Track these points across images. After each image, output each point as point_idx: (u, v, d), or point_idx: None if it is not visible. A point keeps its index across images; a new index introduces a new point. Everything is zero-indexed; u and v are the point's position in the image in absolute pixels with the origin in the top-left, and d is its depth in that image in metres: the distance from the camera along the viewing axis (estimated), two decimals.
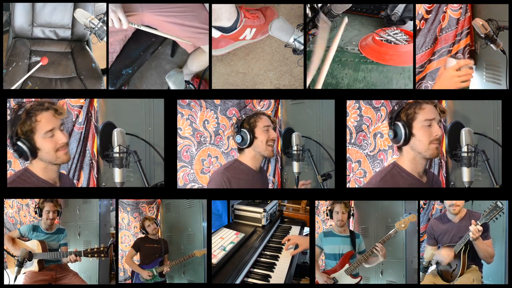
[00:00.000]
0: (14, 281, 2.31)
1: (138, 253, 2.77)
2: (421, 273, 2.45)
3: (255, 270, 2.26)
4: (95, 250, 2.33)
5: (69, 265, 2.48)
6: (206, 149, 2.94)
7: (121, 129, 2.40)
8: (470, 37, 2.56)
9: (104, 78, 2.68)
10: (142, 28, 2.50)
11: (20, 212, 3.01)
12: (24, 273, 2.40)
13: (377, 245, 2.30)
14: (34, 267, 2.40)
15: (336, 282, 2.37)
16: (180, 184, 2.89)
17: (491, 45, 2.24)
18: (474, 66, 2.19)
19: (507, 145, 2.35)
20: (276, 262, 2.37)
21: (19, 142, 1.93)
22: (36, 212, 2.50)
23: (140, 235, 2.84)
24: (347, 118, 2.74)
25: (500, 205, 2.11)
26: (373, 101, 2.71)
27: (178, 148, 2.88)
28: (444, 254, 2.31)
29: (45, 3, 2.75)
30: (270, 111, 2.99)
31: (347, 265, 2.37)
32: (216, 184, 2.29)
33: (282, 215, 3.56)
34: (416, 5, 2.48)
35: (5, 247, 2.41)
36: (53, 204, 2.48)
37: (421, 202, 2.67)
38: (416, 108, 1.98)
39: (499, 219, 2.17)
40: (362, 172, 2.74)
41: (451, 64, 2.17)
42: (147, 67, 2.93)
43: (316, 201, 2.89)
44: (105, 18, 2.37)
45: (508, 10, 2.34)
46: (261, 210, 3.06)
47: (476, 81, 2.56)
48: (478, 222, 2.15)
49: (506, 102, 2.36)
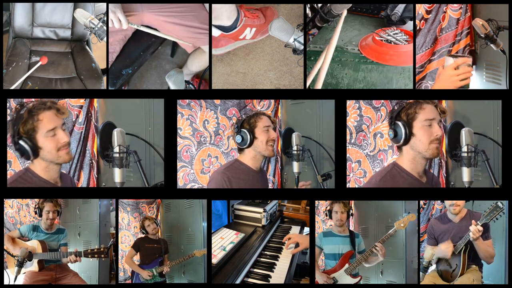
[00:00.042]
0: (14, 281, 2.31)
1: (138, 253, 2.77)
2: (421, 273, 2.45)
3: (255, 270, 2.26)
4: (95, 250, 2.33)
5: (69, 265, 2.48)
6: (206, 149, 2.94)
7: (121, 129, 2.40)
8: (470, 37, 2.56)
9: (104, 78, 2.68)
10: (141, 29, 2.50)
11: (20, 212, 3.01)
12: (24, 273, 2.40)
13: (376, 245, 2.30)
14: (34, 267, 2.40)
15: (336, 282, 2.37)
16: (180, 184, 2.89)
17: (491, 45, 2.24)
18: (473, 66, 2.17)
19: (507, 145, 2.35)
20: (276, 262, 2.37)
21: (21, 141, 1.93)
22: (36, 212, 2.50)
23: (140, 235, 2.84)
24: (347, 118, 2.74)
25: (500, 205, 2.11)
26: (373, 101, 2.70)
27: (178, 148, 2.88)
28: (444, 248, 2.30)
29: (45, 3, 2.75)
30: (270, 111, 2.99)
31: (346, 265, 2.37)
32: (216, 184, 2.29)
33: (282, 215, 3.56)
34: (416, 5, 2.48)
35: (5, 247, 2.41)
36: (53, 204, 2.48)
37: (421, 202, 2.67)
38: (416, 108, 1.98)
39: (499, 219, 2.17)
40: (362, 172, 2.74)
41: (448, 63, 2.14)
42: (147, 67, 2.92)
43: (316, 201, 2.89)
44: (105, 18, 2.37)
45: (508, 10, 2.34)
46: (261, 210, 3.06)
47: (476, 81, 2.56)
48: (478, 222, 2.15)
49: (506, 102, 2.36)
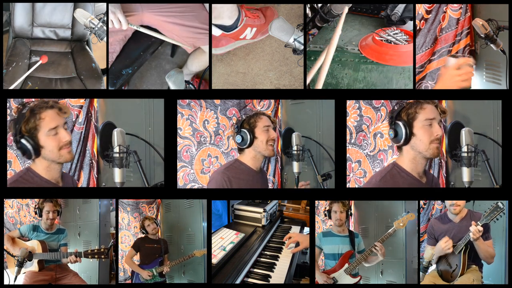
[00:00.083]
0: (14, 281, 2.31)
1: (138, 253, 2.77)
2: (421, 273, 2.45)
3: (255, 270, 2.26)
4: (95, 251, 2.33)
5: (69, 265, 2.48)
6: (206, 149, 2.94)
7: (121, 129, 2.39)
8: (470, 37, 2.56)
9: (104, 78, 2.68)
10: (141, 30, 2.50)
11: (20, 212, 3.01)
12: (24, 273, 2.40)
13: (376, 244, 2.30)
14: (34, 267, 2.40)
15: (336, 282, 2.37)
16: (180, 184, 2.89)
17: (491, 45, 2.24)
18: (474, 66, 2.17)
19: (507, 145, 2.35)
20: (276, 262, 2.37)
21: (23, 140, 1.93)
22: (36, 213, 2.50)
23: (140, 235, 2.84)
24: (347, 118, 2.74)
25: (501, 205, 2.11)
26: (373, 101, 2.70)
27: (178, 148, 2.88)
28: (442, 244, 2.30)
29: (45, 3, 2.75)
30: (270, 111, 2.99)
31: (346, 265, 2.37)
32: (216, 183, 2.29)
33: (282, 215, 3.56)
34: (416, 5, 2.48)
35: (5, 247, 2.41)
36: (52, 204, 2.48)
37: (421, 202, 2.67)
38: (417, 107, 1.98)
39: (500, 219, 2.17)
40: (362, 172, 2.74)
41: (450, 63, 2.14)
42: (147, 67, 2.92)
43: (316, 201, 2.89)
44: (105, 18, 2.37)
45: (508, 10, 2.34)
46: (261, 210, 3.06)
47: (476, 81, 2.56)
48: (478, 222, 2.15)
49: (506, 102, 2.36)
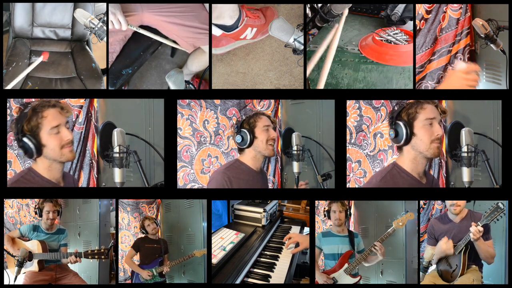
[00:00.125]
0: (14, 281, 2.31)
1: (138, 253, 2.77)
2: (421, 273, 2.45)
3: (255, 270, 2.26)
4: (95, 251, 2.33)
5: (69, 265, 2.48)
6: (206, 149, 2.94)
7: (121, 129, 2.39)
8: (470, 37, 2.56)
9: (104, 78, 2.68)
10: (140, 31, 2.51)
11: (20, 212, 3.01)
12: (24, 273, 2.40)
13: (375, 244, 2.30)
14: (34, 267, 2.40)
15: (336, 282, 2.37)
16: (180, 184, 2.89)
17: (491, 45, 2.24)
18: (480, 74, 2.22)
19: (507, 145, 2.35)
20: (276, 262, 2.37)
21: (25, 138, 1.94)
22: (36, 213, 2.50)
23: (140, 235, 2.84)
24: (347, 118, 2.74)
25: (501, 206, 2.11)
26: (373, 101, 2.70)
27: (178, 148, 2.88)
28: (444, 247, 2.30)
29: (45, 3, 2.75)
30: (270, 111, 2.99)
31: (346, 265, 2.37)
32: (217, 183, 2.29)
33: (282, 215, 3.56)
34: (416, 5, 2.48)
35: (5, 247, 2.41)
36: (52, 204, 2.48)
37: (421, 202, 2.67)
38: (417, 107, 1.99)
39: (500, 220, 2.17)
40: (362, 172, 2.74)
41: (460, 66, 2.21)
42: (147, 67, 2.92)
43: (316, 201, 2.89)
44: (105, 18, 2.37)
45: (508, 10, 2.34)
46: (261, 210, 3.06)
47: None
48: (479, 223, 2.15)
49: (506, 102, 2.36)
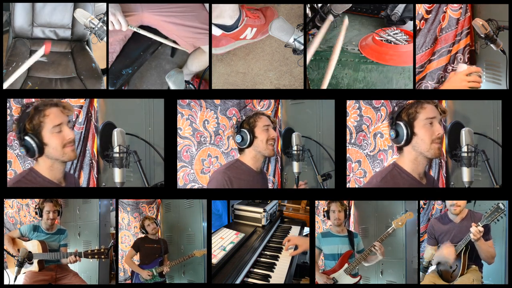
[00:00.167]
0: (14, 281, 2.30)
1: (138, 253, 2.77)
2: (421, 273, 2.45)
3: (255, 270, 2.26)
4: (95, 251, 2.33)
5: (69, 265, 2.48)
6: (206, 149, 2.94)
7: (121, 129, 2.40)
8: (470, 37, 2.56)
9: (104, 78, 2.68)
10: (141, 32, 2.51)
11: (20, 212, 3.01)
12: (24, 273, 2.40)
13: (375, 244, 2.30)
14: (34, 267, 2.39)
15: (336, 282, 2.37)
16: (180, 184, 2.89)
17: (491, 45, 2.24)
18: (482, 75, 2.23)
19: (507, 145, 2.35)
20: (276, 262, 2.37)
21: (27, 137, 1.94)
22: (36, 213, 2.50)
23: (140, 235, 2.84)
24: (347, 118, 2.74)
25: (502, 206, 2.11)
26: (373, 101, 2.70)
27: (178, 148, 2.88)
28: (446, 253, 2.30)
29: (45, 3, 2.75)
30: (270, 111, 2.99)
31: (346, 265, 2.37)
32: (217, 183, 2.29)
33: (282, 215, 3.56)
34: (416, 5, 2.48)
35: (5, 247, 2.41)
36: (53, 204, 2.48)
37: (421, 202, 2.67)
38: (417, 107, 1.99)
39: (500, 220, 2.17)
40: (362, 172, 2.74)
41: (462, 69, 2.22)
42: (147, 67, 2.92)
43: (316, 201, 2.89)
44: (105, 18, 2.37)
45: (508, 10, 2.34)
46: (261, 210, 3.06)
47: None
48: (479, 223, 2.15)
49: (506, 102, 2.36)
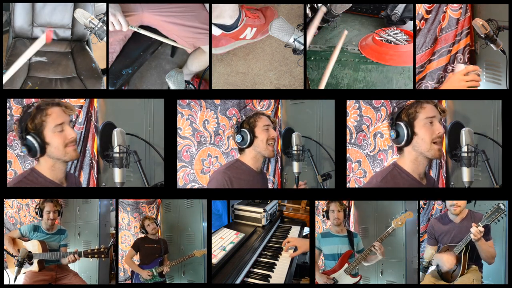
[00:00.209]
0: (14, 281, 2.30)
1: (138, 253, 2.77)
2: (421, 273, 2.45)
3: (255, 270, 2.26)
4: (95, 250, 2.33)
5: (69, 265, 2.47)
6: (206, 149, 2.94)
7: (121, 129, 2.39)
8: (470, 37, 2.56)
9: (104, 78, 2.68)
10: (141, 32, 2.51)
11: (20, 212, 3.01)
12: (24, 273, 2.40)
13: (375, 244, 2.30)
14: (34, 267, 2.39)
15: (336, 282, 2.37)
16: (180, 184, 2.89)
17: (491, 45, 2.24)
18: (481, 74, 2.22)
19: (507, 145, 2.35)
20: (276, 262, 2.37)
21: (29, 136, 1.94)
22: (37, 213, 2.50)
23: (140, 235, 2.84)
24: (347, 118, 2.74)
25: (502, 207, 2.11)
26: (373, 101, 2.70)
27: (178, 148, 2.88)
28: (446, 260, 2.31)
29: (45, 3, 2.75)
30: (270, 111, 2.99)
31: (346, 265, 2.37)
32: (217, 183, 2.29)
33: (282, 215, 3.56)
34: (416, 5, 2.48)
35: (5, 247, 2.41)
36: (53, 204, 2.48)
37: (421, 202, 2.67)
38: (417, 107, 2.00)
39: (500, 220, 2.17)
40: (362, 172, 2.74)
41: (459, 69, 2.21)
42: (147, 67, 2.92)
43: (316, 201, 2.89)
44: (105, 18, 2.37)
45: (508, 10, 2.34)
46: (261, 210, 3.06)
47: None
48: (480, 223, 2.15)
49: (506, 102, 2.36)
